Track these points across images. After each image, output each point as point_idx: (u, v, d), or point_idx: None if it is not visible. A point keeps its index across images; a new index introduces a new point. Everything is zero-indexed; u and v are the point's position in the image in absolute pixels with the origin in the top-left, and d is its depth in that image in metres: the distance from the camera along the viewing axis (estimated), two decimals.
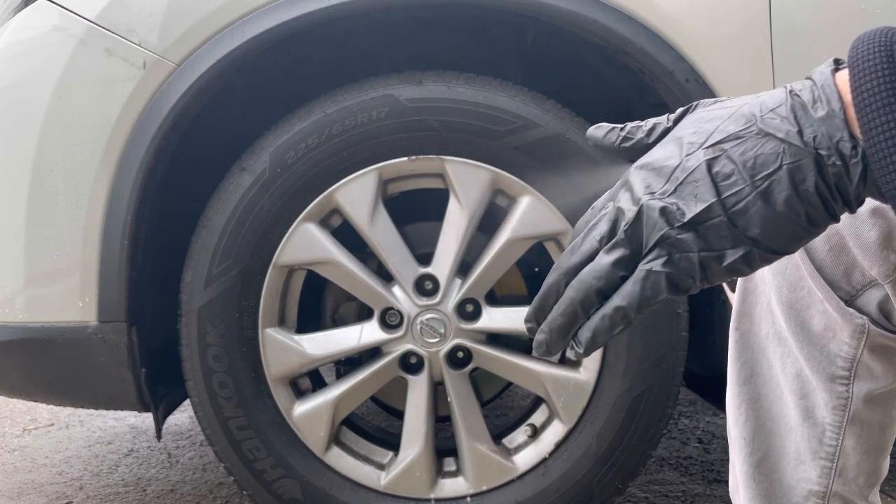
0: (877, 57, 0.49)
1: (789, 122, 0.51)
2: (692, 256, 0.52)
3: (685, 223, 0.52)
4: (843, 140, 0.49)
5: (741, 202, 0.51)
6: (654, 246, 0.53)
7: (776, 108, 0.52)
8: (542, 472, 1.47)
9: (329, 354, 1.46)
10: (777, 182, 0.51)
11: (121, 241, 1.34)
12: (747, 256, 0.52)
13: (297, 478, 1.46)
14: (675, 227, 0.52)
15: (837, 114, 0.50)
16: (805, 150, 0.50)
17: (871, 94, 0.49)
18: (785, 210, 0.51)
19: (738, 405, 0.81)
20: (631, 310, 0.54)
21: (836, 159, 0.50)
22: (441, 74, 1.38)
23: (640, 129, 0.60)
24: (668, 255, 0.52)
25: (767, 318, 0.77)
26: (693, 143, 0.53)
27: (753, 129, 0.52)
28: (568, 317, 0.56)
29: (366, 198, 1.40)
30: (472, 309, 1.44)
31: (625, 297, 0.54)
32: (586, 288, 0.55)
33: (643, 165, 0.55)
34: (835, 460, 0.77)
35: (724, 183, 0.52)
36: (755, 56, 1.27)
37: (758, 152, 0.51)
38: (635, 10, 1.29)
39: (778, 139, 0.51)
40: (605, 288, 0.54)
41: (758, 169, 0.51)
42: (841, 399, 0.75)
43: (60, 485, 2.03)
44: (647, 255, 0.53)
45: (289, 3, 1.30)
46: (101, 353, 1.37)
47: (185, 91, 1.31)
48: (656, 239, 0.52)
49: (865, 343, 0.73)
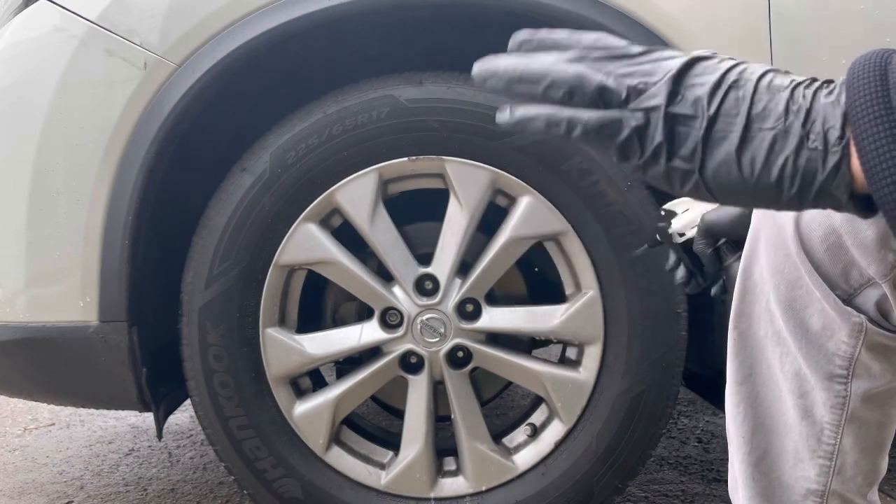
0: (871, 74, 0.52)
1: (807, 101, 0.54)
2: (656, 138, 0.55)
3: (674, 113, 0.55)
4: (833, 128, 0.52)
5: (724, 133, 0.54)
6: (643, 109, 0.55)
7: (808, 87, 0.55)
8: (542, 472, 1.47)
9: (329, 354, 1.46)
10: (760, 138, 0.54)
11: (122, 241, 1.34)
12: (687, 174, 0.55)
13: (298, 477, 1.47)
14: (667, 108, 0.55)
15: (840, 105, 0.53)
16: (800, 130, 0.53)
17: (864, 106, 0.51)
18: (746, 163, 0.54)
19: (737, 404, 0.81)
20: (582, 127, 0.56)
21: (819, 144, 0.52)
22: (441, 74, 1.38)
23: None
24: (644, 123, 0.55)
25: (766, 317, 0.78)
26: (738, 69, 0.56)
27: (785, 93, 0.54)
28: (532, 75, 0.58)
29: (366, 198, 1.40)
30: (472, 309, 1.44)
31: (585, 116, 0.56)
32: (568, 77, 0.57)
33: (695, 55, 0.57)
34: (833, 459, 0.77)
35: (727, 109, 0.54)
36: (755, 56, 1.28)
37: (768, 106, 0.54)
38: (635, 10, 1.29)
39: (791, 109, 0.53)
40: (577, 94, 0.57)
41: (757, 119, 0.54)
42: (839, 398, 0.75)
43: (61, 484, 2.03)
44: (632, 108, 0.56)
45: (289, 4, 1.31)
46: (102, 352, 1.37)
47: (186, 91, 1.31)
48: (649, 105, 0.55)
49: (863, 342, 0.73)
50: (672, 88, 0.55)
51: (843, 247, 0.71)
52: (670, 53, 0.58)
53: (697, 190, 0.56)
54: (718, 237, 1.02)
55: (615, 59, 0.57)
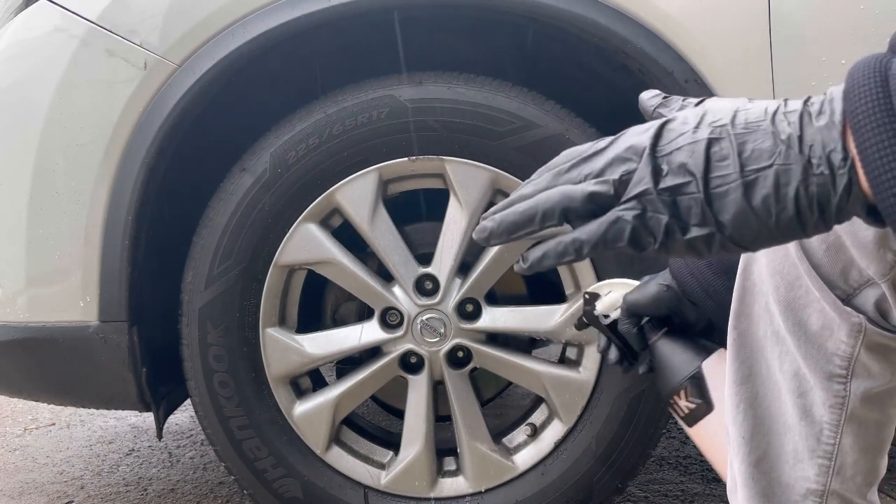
0: (872, 81, 0.51)
1: (794, 127, 0.52)
2: (661, 219, 0.54)
3: (666, 187, 0.54)
4: (835, 151, 0.51)
5: (724, 186, 0.53)
6: (634, 197, 0.55)
7: (790, 113, 0.53)
8: (542, 472, 1.47)
9: (329, 354, 1.46)
10: (763, 178, 0.52)
11: (122, 241, 1.34)
12: (709, 238, 0.54)
13: (298, 477, 1.47)
14: (657, 186, 0.54)
15: (836, 126, 0.51)
16: (799, 157, 0.52)
17: (865, 114, 0.50)
18: (760, 206, 0.53)
19: (737, 404, 0.81)
20: (587, 245, 0.56)
21: (824, 168, 0.51)
22: (441, 75, 1.38)
23: (677, 101, 0.64)
24: (642, 210, 0.55)
25: (765, 317, 0.78)
26: (706, 119, 0.55)
27: (764, 125, 0.53)
28: (525, 217, 0.58)
29: (366, 198, 1.40)
30: (472, 309, 1.44)
31: (587, 232, 0.56)
32: (556, 202, 0.57)
33: (657, 124, 0.57)
34: (833, 459, 0.77)
35: (717, 163, 0.53)
36: (755, 56, 1.28)
37: (756, 146, 0.53)
38: (635, 10, 1.29)
39: (780, 140, 0.52)
40: (572, 211, 0.57)
41: (750, 161, 0.53)
42: (838, 397, 0.75)
43: (61, 484, 2.03)
44: (624, 202, 0.55)
45: (289, 4, 1.31)
46: (102, 352, 1.37)
47: (186, 91, 1.31)
48: (638, 192, 0.55)
49: (862, 341, 0.73)
50: (653, 165, 0.54)
51: (842, 247, 0.71)
52: (635, 130, 0.57)
53: (726, 248, 0.55)
54: (641, 316, 1.04)
55: (587, 161, 0.57)
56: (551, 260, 0.58)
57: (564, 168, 0.58)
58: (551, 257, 0.58)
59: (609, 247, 0.56)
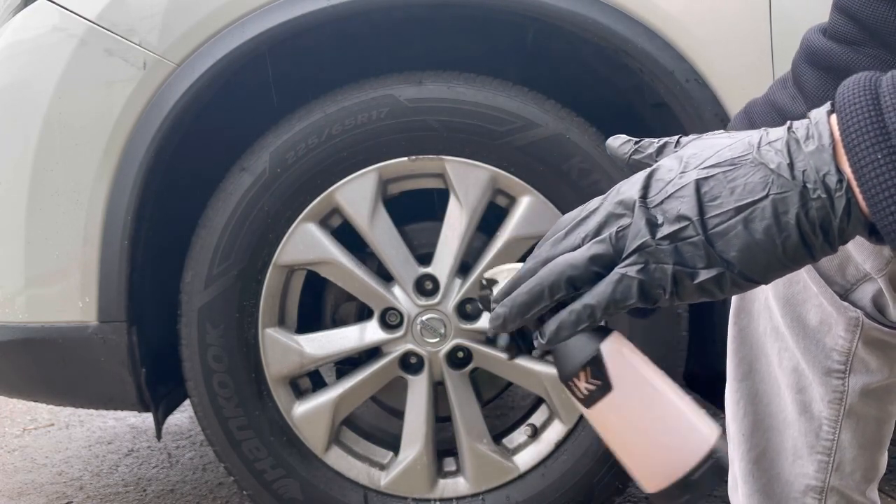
0: (862, 99, 0.51)
1: (782, 155, 0.52)
2: (666, 268, 0.53)
3: (664, 235, 0.53)
4: (829, 174, 0.50)
5: (722, 224, 0.52)
6: (634, 252, 0.54)
7: (774, 142, 0.53)
8: (542, 472, 1.47)
9: (329, 354, 1.46)
10: (761, 210, 0.51)
11: (121, 241, 1.34)
12: (720, 278, 0.53)
13: (298, 478, 1.46)
14: (655, 237, 0.53)
15: (826, 149, 0.51)
16: (792, 183, 0.51)
17: (858, 133, 0.50)
18: (763, 238, 0.52)
19: (737, 401, 0.81)
20: (599, 309, 0.55)
21: (821, 192, 0.50)
22: (441, 74, 1.38)
23: (651, 144, 0.63)
24: (645, 264, 0.54)
25: (765, 313, 0.78)
26: (691, 163, 0.55)
27: (749, 157, 0.53)
28: (533, 296, 0.57)
29: (366, 198, 1.40)
30: (472, 309, 1.44)
31: (595, 296, 0.55)
32: (559, 273, 0.56)
33: (643, 175, 0.56)
34: (832, 455, 0.77)
35: (709, 203, 0.53)
36: (755, 56, 1.28)
37: (747, 180, 0.52)
38: (635, 10, 1.29)
39: (769, 169, 0.52)
40: (577, 279, 0.56)
41: (744, 195, 0.52)
42: (837, 393, 0.75)
43: (60, 485, 2.03)
44: (625, 259, 0.54)
45: (289, 4, 1.31)
46: (101, 353, 1.37)
47: (186, 91, 1.31)
48: (636, 245, 0.54)
49: (860, 336, 0.73)
50: (647, 217, 0.54)
51: None
52: (622, 185, 0.56)
53: (738, 285, 0.54)
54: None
55: (581, 224, 0.56)
56: (568, 330, 0.57)
57: (561, 236, 0.57)
58: (567, 328, 0.57)
59: (621, 306, 0.55)
